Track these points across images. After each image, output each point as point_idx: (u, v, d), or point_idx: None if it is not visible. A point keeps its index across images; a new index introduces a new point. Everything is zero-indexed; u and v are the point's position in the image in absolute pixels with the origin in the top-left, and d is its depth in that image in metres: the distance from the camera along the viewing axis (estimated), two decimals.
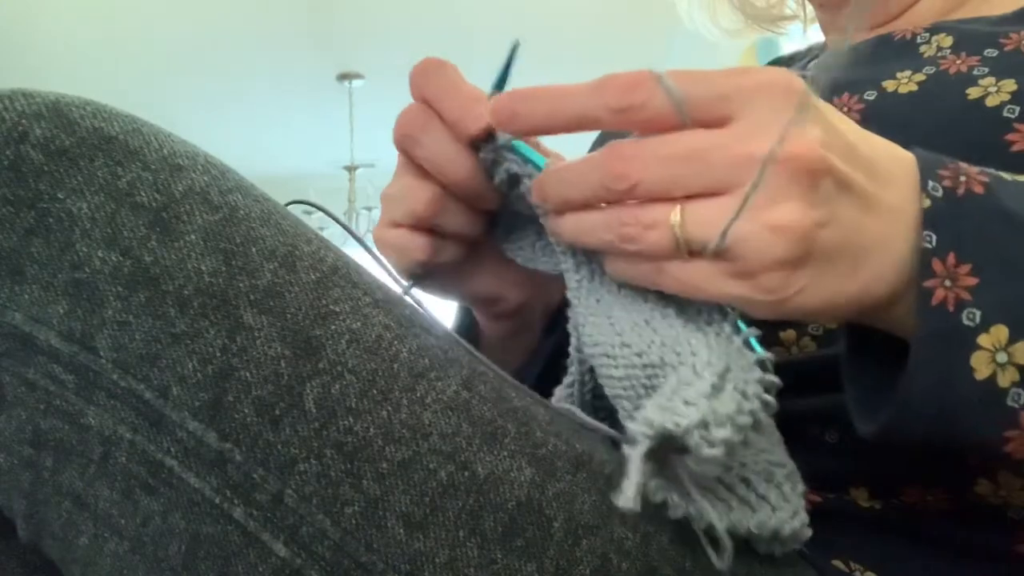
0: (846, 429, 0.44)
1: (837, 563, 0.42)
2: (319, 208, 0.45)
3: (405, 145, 0.43)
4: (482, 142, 0.41)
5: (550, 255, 0.44)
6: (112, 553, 0.32)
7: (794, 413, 0.44)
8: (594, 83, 0.33)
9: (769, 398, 0.33)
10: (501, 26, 3.25)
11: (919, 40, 0.52)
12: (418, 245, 0.44)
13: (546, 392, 0.43)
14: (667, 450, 0.31)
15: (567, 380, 0.44)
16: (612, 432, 0.41)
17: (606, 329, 0.38)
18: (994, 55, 0.48)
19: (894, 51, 0.53)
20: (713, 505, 0.34)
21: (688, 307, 0.36)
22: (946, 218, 0.32)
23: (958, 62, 0.48)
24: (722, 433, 0.30)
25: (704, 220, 0.31)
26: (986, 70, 0.47)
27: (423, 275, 0.46)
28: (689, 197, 0.32)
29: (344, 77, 3.80)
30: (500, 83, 0.40)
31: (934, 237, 0.32)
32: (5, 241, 0.31)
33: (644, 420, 0.30)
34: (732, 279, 0.32)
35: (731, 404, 0.31)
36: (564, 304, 0.53)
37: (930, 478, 0.42)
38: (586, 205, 0.35)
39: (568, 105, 0.34)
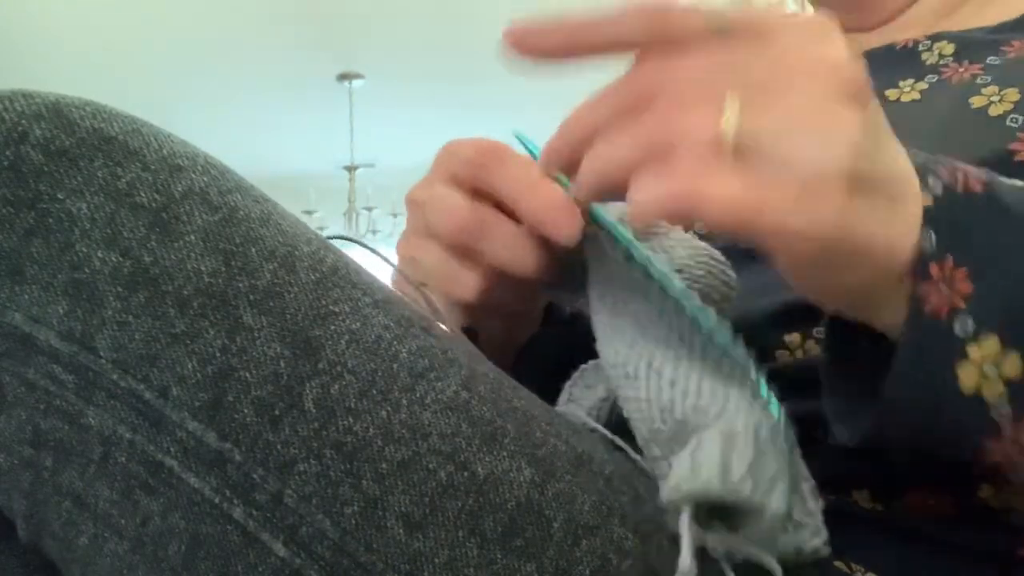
0: (847, 445, 0.44)
1: (839, 564, 0.42)
2: (360, 243, 0.42)
3: (478, 170, 0.40)
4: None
5: (583, 294, 0.42)
6: (112, 553, 0.32)
7: (797, 415, 0.44)
8: (631, 7, 0.31)
9: (790, 447, 0.32)
10: (501, 26, 3.25)
11: (921, 48, 0.52)
12: (455, 319, 0.43)
13: (551, 391, 0.43)
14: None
15: (598, 393, 0.43)
16: (612, 436, 0.41)
17: (624, 349, 0.37)
18: (996, 63, 0.48)
19: (896, 59, 0.53)
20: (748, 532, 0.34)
21: (710, 351, 0.34)
22: (945, 216, 0.32)
23: (960, 70, 0.48)
24: (786, 507, 0.30)
25: (753, 121, 0.29)
26: (989, 79, 0.47)
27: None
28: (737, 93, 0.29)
29: (344, 77, 3.80)
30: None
31: (934, 237, 0.32)
32: (5, 241, 0.31)
33: (726, 481, 0.30)
34: (785, 198, 0.29)
35: (784, 473, 0.31)
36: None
37: (933, 481, 0.42)
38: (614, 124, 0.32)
39: (599, 22, 0.31)
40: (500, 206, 0.40)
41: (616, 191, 0.32)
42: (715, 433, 0.32)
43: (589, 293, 0.40)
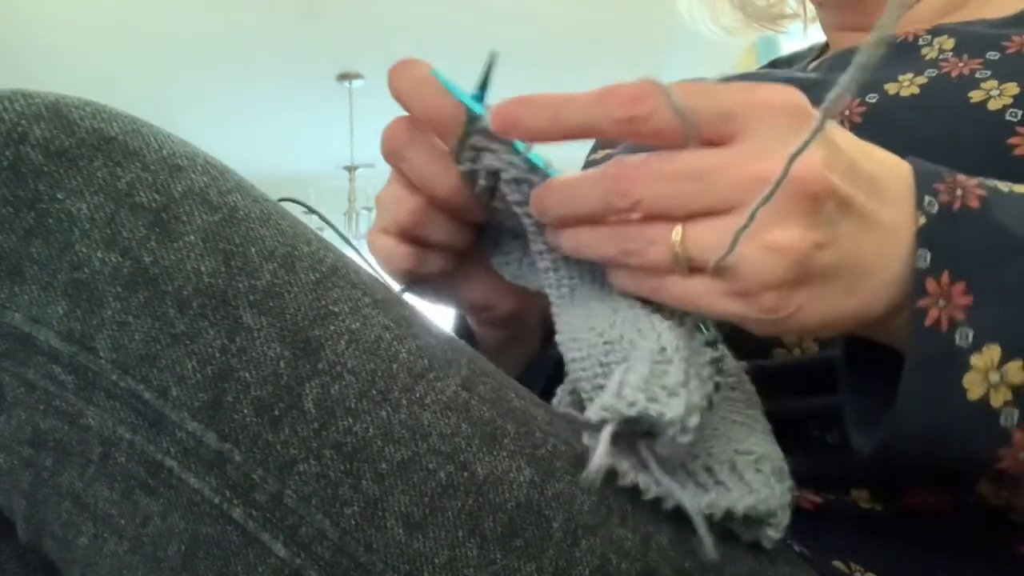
0: (862, 456, 0.44)
1: (838, 564, 0.42)
2: (310, 208, 0.45)
3: (391, 160, 0.43)
4: (461, 151, 0.40)
5: (535, 272, 0.44)
6: (112, 553, 0.32)
7: (796, 414, 0.44)
8: (598, 92, 0.33)
9: (720, 379, 0.34)
10: (502, 26, 3.25)
11: (920, 42, 0.52)
12: (402, 254, 0.44)
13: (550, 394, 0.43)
14: (633, 434, 0.32)
15: (565, 387, 0.44)
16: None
17: (578, 324, 0.38)
18: (996, 58, 0.48)
19: (896, 53, 0.53)
20: (683, 486, 0.35)
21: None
22: (941, 235, 0.33)
23: (960, 65, 0.48)
24: (694, 421, 0.31)
25: (705, 240, 0.31)
26: (988, 73, 0.47)
27: (411, 282, 0.46)
28: (691, 216, 0.32)
29: (344, 77, 3.80)
30: (480, 95, 0.40)
31: (928, 256, 0.33)
32: (5, 242, 0.31)
33: (623, 399, 0.30)
34: (730, 297, 0.32)
35: (698, 392, 0.32)
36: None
37: (932, 480, 0.42)
38: (586, 220, 0.35)
39: (571, 113, 0.34)
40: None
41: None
42: (644, 354, 0.33)
43: (541, 280, 0.41)
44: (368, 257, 0.46)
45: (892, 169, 0.34)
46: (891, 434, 0.33)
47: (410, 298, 0.45)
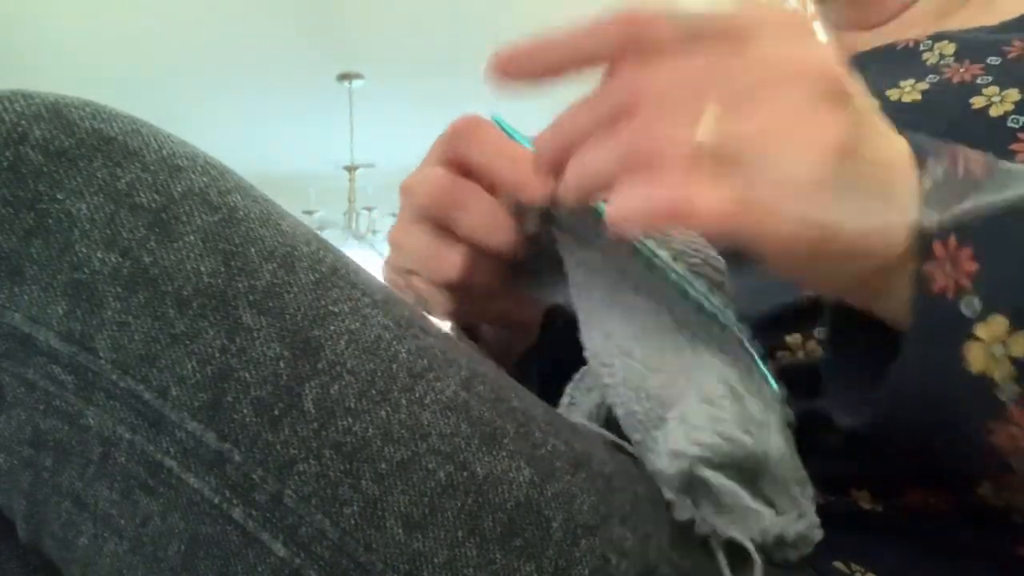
0: (849, 431, 0.44)
1: (838, 565, 0.42)
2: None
3: (457, 141, 0.42)
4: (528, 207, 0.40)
5: (564, 289, 0.44)
6: (112, 553, 0.32)
7: (797, 415, 0.45)
8: (589, 24, 0.31)
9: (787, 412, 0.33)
10: (502, 26, 3.25)
11: (921, 48, 0.52)
12: (440, 302, 0.44)
13: (550, 393, 0.43)
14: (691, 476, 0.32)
15: (595, 397, 0.44)
16: (612, 436, 0.41)
17: (599, 339, 0.38)
18: (997, 63, 0.48)
19: (897, 60, 0.53)
20: (731, 518, 0.34)
21: (699, 331, 0.36)
22: (947, 198, 0.32)
23: (961, 70, 0.48)
24: (779, 451, 0.31)
25: (735, 127, 0.29)
26: (989, 79, 0.47)
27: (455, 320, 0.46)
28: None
29: (344, 77, 3.80)
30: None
31: (935, 217, 0.32)
32: (5, 242, 0.31)
33: (702, 444, 0.31)
34: (757, 211, 0.30)
35: (779, 445, 0.32)
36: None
37: (933, 480, 0.42)
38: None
39: (571, 40, 0.32)
40: (482, 182, 0.42)
41: (601, 196, 0.32)
42: (693, 400, 0.33)
43: (570, 290, 0.40)
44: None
45: (891, 136, 0.34)
46: (886, 401, 0.33)
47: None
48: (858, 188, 0.31)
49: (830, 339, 0.37)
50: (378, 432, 0.32)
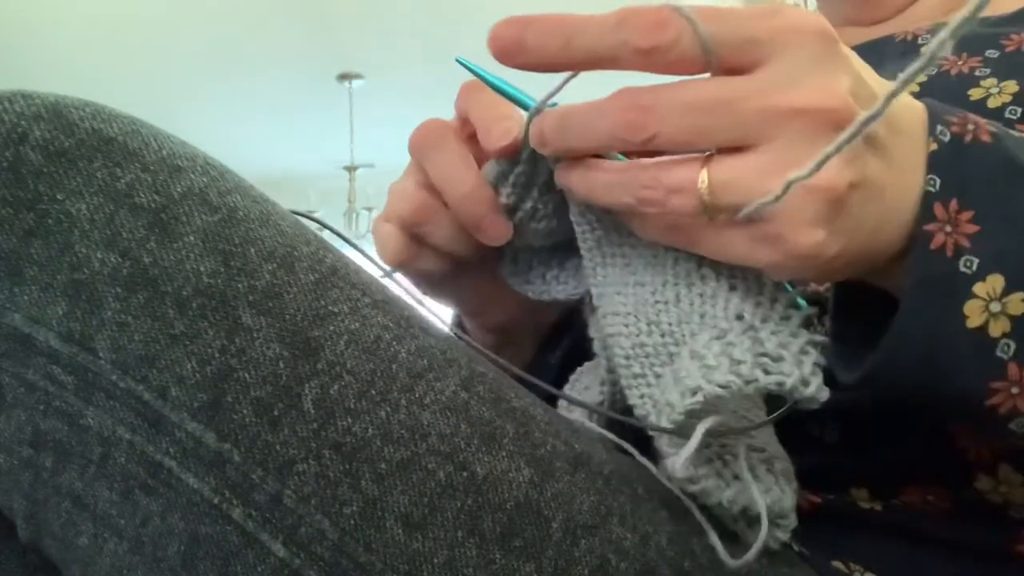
0: (846, 429, 0.45)
1: (837, 564, 0.42)
2: (318, 222, 0.46)
3: (416, 155, 0.43)
4: (503, 173, 0.40)
5: (563, 283, 0.44)
6: (111, 553, 0.32)
7: (794, 413, 0.45)
8: (614, 16, 0.30)
9: (821, 339, 0.34)
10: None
11: (920, 41, 0.52)
12: (397, 245, 0.45)
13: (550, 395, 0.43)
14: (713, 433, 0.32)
15: (594, 396, 0.44)
16: (612, 436, 0.41)
17: (611, 271, 0.38)
18: (995, 56, 0.48)
19: (896, 53, 0.53)
20: (744, 486, 0.35)
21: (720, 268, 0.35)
22: (951, 163, 0.32)
23: (959, 63, 0.48)
24: (817, 384, 0.32)
25: (734, 182, 0.30)
26: (988, 71, 0.47)
27: (402, 272, 0.46)
28: (715, 150, 0.30)
29: (344, 77, 3.80)
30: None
31: (938, 181, 0.32)
32: (4, 242, 0.31)
33: (733, 371, 0.31)
34: (762, 243, 0.31)
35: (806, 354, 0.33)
36: (564, 323, 0.54)
37: (930, 476, 0.42)
38: (591, 155, 0.33)
39: (585, 40, 0.31)
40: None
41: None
42: (706, 336, 0.33)
43: (576, 237, 0.40)
44: (373, 256, 0.46)
45: (908, 105, 0.34)
46: (884, 356, 0.33)
47: (399, 280, 0.45)
48: (869, 215, 0.31)
49: (833, 308, 0.38)
50: (378, 432, 0.32)
